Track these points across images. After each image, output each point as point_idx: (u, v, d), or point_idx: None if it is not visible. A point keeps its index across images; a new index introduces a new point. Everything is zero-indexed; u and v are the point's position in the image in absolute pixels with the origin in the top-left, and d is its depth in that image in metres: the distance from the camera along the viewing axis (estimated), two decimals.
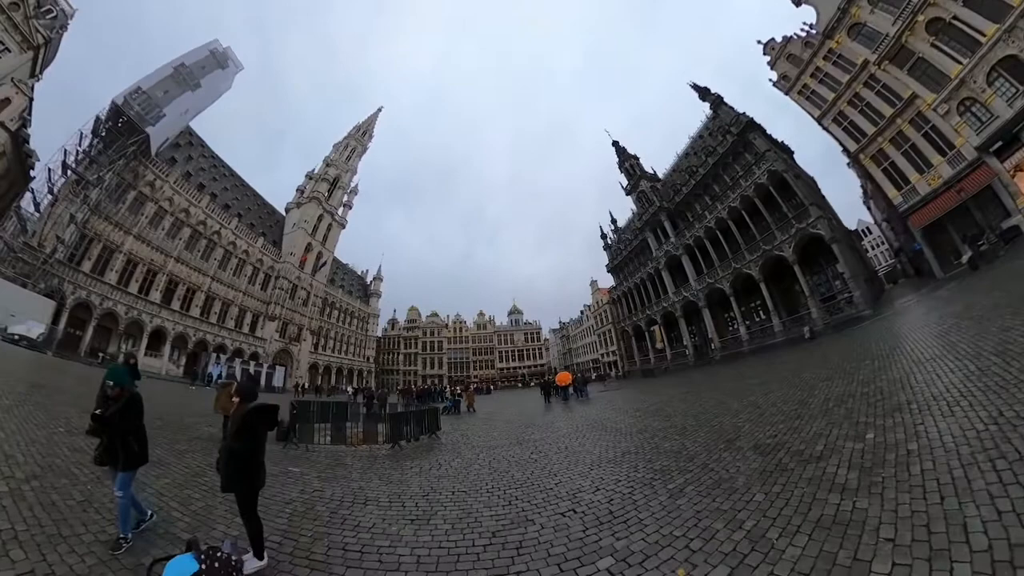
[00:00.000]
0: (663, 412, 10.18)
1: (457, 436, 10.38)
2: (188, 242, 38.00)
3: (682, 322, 38.29)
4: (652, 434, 7.55)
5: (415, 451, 8.34)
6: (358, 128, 65.91)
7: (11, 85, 24.48)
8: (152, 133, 32.19)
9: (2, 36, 24.04)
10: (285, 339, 49.10)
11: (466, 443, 9.12)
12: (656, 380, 29.55)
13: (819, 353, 14.57)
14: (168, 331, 35.46)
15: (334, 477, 5.99)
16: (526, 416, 14.42)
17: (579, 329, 72.06)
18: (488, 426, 12.34)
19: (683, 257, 37.15)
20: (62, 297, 27.46)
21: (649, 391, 18.91)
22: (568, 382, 21.42)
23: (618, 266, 51.58)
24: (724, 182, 32.98)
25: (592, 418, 11.45)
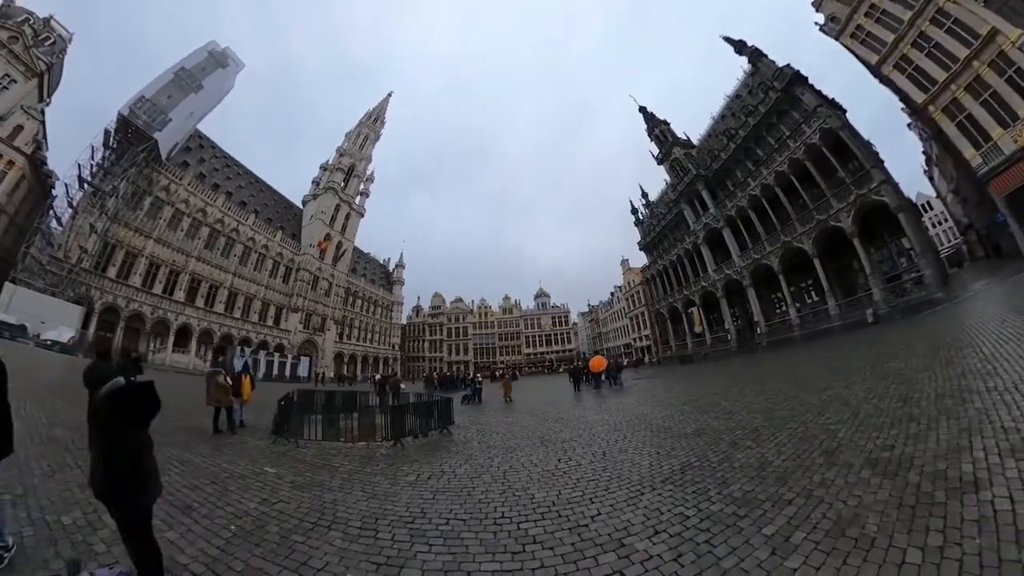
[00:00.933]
0: (719, 407, 8.70)
1: (472, 432, 9.29)
2: (207, 241, 39.79)
3: (724, 303, 35.98)
4: (714, 438, 6.11)
5: (419, 451, 7.30)
6: (369, 115, 65.55)
7: (22, 112, 27.10)
8: (160, 138, 33.48)
9: (6, 69, 26.39)
10: (309, 330, 50.65)
11: (480, 441, 7.95)
12: (696, 367, 27.85)
13: (891, 339, 13.08)
14: (193, 328, 37.47)
15: (311, 483, 5.16)
16: (554, 407, 13.24)
17: (609, 312, 70.20)
18: (509, 419, 11.17)
19: (724, 230, 34.51)
20: (90, 303, 29.76)
21: (692, 379, 17.40)
22: (602, 368, 19.92)
23: (651, 243, 49.15)
24: (768, 145, 29.75)
25: (631, 412, 10.10)
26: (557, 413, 11.41)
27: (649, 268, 50.25)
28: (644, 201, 49.96)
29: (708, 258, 37.46)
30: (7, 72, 26.50)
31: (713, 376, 17.18)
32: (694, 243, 38.69)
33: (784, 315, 30.15)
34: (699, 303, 39.53)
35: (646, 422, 8.27)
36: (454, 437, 8.61)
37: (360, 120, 64.28)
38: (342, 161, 58.24)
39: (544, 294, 79.32)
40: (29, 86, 27.82)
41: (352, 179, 59.96)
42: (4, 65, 26.38)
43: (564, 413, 11.36)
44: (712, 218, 35.72)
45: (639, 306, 57.05)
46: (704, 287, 37.89)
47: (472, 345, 75.15)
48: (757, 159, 30.79)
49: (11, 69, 26.63)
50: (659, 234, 46.94)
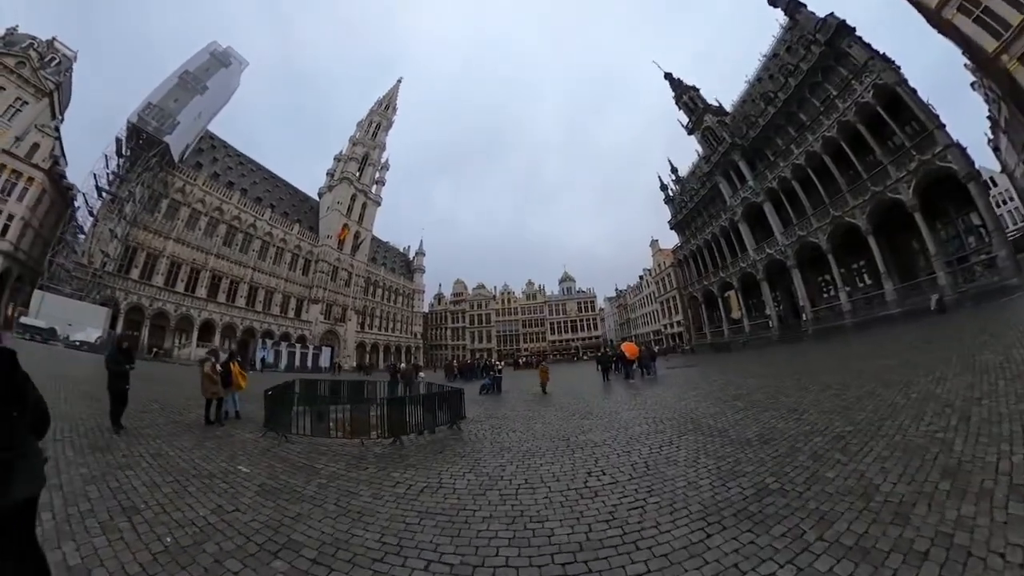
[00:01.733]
0: (780, 404, 7.51)
1: (486, 428, 8.35)
2: (225, 238, 41.37)
3: (765, 286, 33.75)
4: (789, 447, 4.91)
5: (419, 451, 6.50)
6: (380, 103, 65.22)
7: (36, 131, 29.24)
8: (171, 141, 34.61)
9: (17, 93, 28.50)
10: (330, 320, 51.80)
11: (494, 441, 7.00)
12: (734, 356, 26.27)
13: (967, 329, 11.86)
14: (216, 323, 39.31)
15: (281, 489, 4.56)
16: (581, 399, 12.17)
17: (638, 296, 68.02)
18: (530, 413, 10.21)
19: (765, 204, 32.05)
20: (116, 304, 31.62)
21: (735, 370, 16.06)
22: (635, 356, 18.62)
23: (683, 221, 46.73)
24: (813, 107, 26.90)
25: (673, 408, 8.94)
26: (585, 407, 10.36)
27: (681, 249, 47.95)
28: (674, 177, 47.28)
29: (747, 236, 35.14)
30: (18, 96, 29.11)
31: (758, 367, 15.86)
32: (731, 220, 36.35)
33: (833, 300, 27.80)
34: (737, 286, 37.36)
35: (693, 422, 7.10)
36: (464, 435, 7.80)
37: (371, 108, 64.17)
38: (355, 151, 58.53)
39: (569, 278, 77.95)
40: (40, 106, 30.25)
41: (367, 168, 60.23)
42: (15, 90, 28.93)
43: (593, 407, 10.30)
44: (751, 191, 33.24)
45: (670, 290, 54.78)
46: (743, 268, 35.68)
47: (495, 332, 75.61)
48: (800, 124, 27.96)
49: (22, 92, 29.24)
50: (692, 211, 44.44)
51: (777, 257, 31.39)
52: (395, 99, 67.24)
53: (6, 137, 28.23)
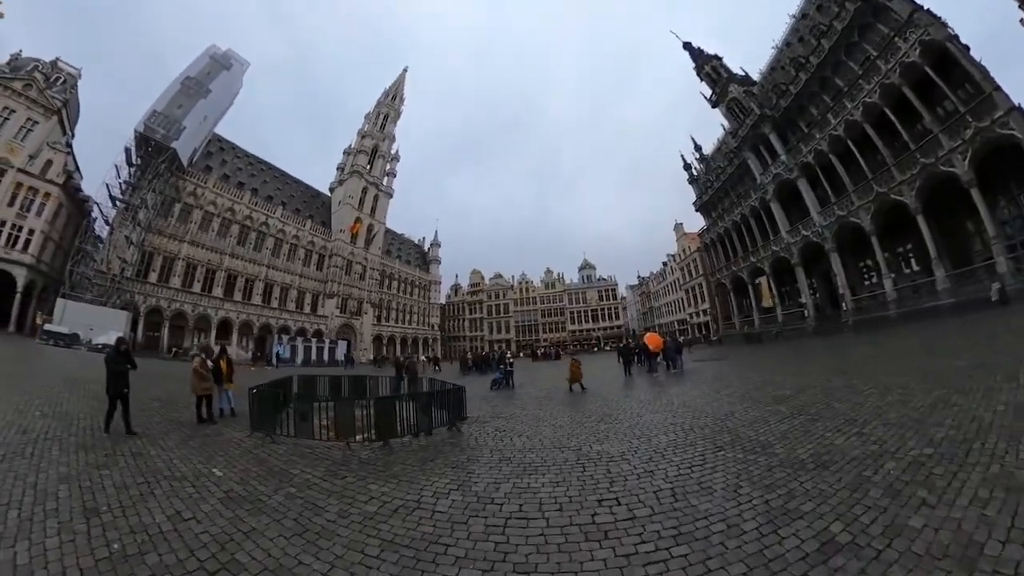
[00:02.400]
0: (833, 411, 6.48)
1: (488, 432, 7.56)
2: (239, 237, 42.50)
3: (800, 272, 31.71)
4: (853, 474, 3.99)
5: (408, 457, 6.00)
6: (387, 93, 64.71)
7: (49, 148, 30.90)
8: (178, 147, 35.49)
9: (27, 113, 30.11)
10: (346, 314, 52.51)
11: (494, 449, 6.26)
12: (767, 349, 24.89)
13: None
14: (233, 321, 40.47)
15: (245, 498, 4.33)
16: (598, 397, 11.26)
17: (662, 284, 65.82)
18: (541, 412, 9.41)
19: (799, 181, 29.86)
20: (135, 307, 33.05)
21: (770, 365, 14.89)
22: (658, 348, 17.31)
23: (709, 202, 44.53)
24: (850, 71, 24.54)
25: (703, 411, 7.92)
26: (602, 407, 9.49)
27: (707, 232, 45.80)
28: (697, 155, 44.80)
29: (780, 217, 33.00)
30: (29, 116, 30.46)
31: (797, 362, 14.62)
32: (762, 199, 34.18)
33: (876, 288, 25.67)
34: (769, 272, 35.34)
35: (730, 432, 6.10)
36: (463, 439, 7.14)
37: (378, 100, 63.78)
38: (364, 143, 58.47)
39: (589, 266, 76.30)
40: (50, 124, 31.72)
41: (376, 160, 60.23)
42: (24, 111, 30.24)
43: (612, 407, 9.40)
44: (783, 167, 31.00)
45: (696, 276, 52.55)
46: (775, 252, 33.62)
47: (514, 323, 75.41)
48: (837, 91, 25.59)
49: (32, 113, 30.62)
50: (718, 191, 42.18)
51: (814, 240, 29.28)
52: (402, 89, 66.68)
53: (21, 156, 29.87)
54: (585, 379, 12.86)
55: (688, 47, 39.21)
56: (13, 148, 29.59)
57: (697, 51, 38.72)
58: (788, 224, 32.50)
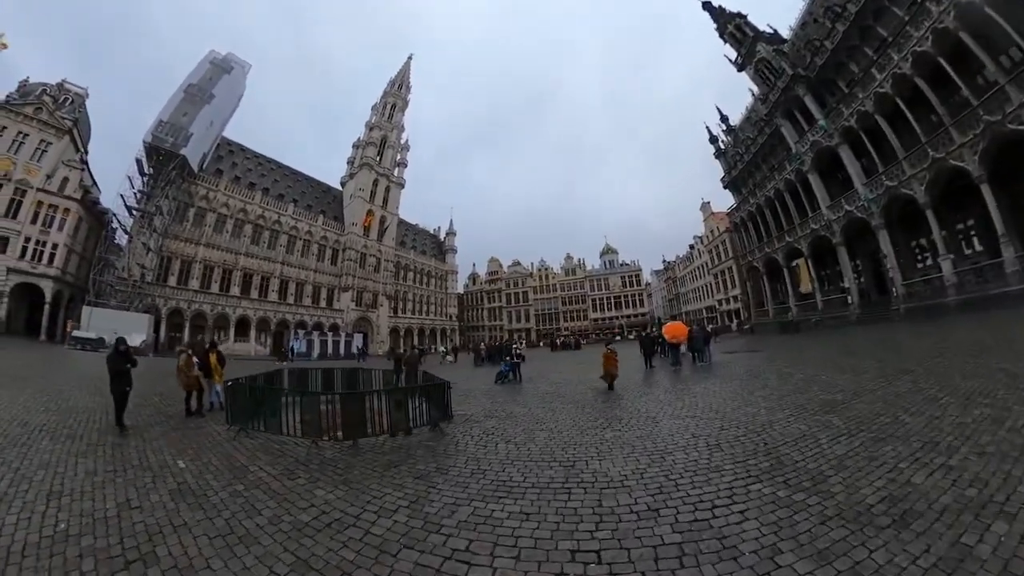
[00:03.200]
0: (908, 430, 4.88)
1: (474, 435, 6.75)
2: (253, 237, 43.62)
3: (842, 252, 28.53)
4: (949, 538, 2.63)
5: (372, 461, 5.49)
6: (393, 83, 63.82)
7: (64, 167, 33.07)
8: (188, 153, 36.34)
9: (40, 136, 32.21)
10: (362, 307, 53.00)
11: (470, 458, 5.47)
12: (805, 339, 22.48)
13: None
14: (251, 318, 41.72)
15: (194, 492, 4.38)
16: (612, 394, 10.14)
17: (688, 268, 62.20)
18: (542, 412, 8.41)
19: (841, 148, 26.57)
20: (157, 310, 34.93)
21: (811, 360, 12.94)
22: (681, 337, 15.39)
23: (739, 178, 41.04)
24: (894, 18, 21.24)
25: (733, 418, 6.50)
26: (613, 408, 8.36)
27: (737, 210, 42.38)
28: (724, 127, 41.00)
29: (819, 190, 29.79)
30: (42, 138, 32.41)
31: (844, 357, 12.66)
32: (798, 171, 30.91)
33: (931, 271, 22.38)
34: (807, 253, 32.14)
35: (768, 452, 4.70)
36: (442, 442, 6.44)
37: (384, 90, 63.04)
38: (372, 135, 58.13)
39: (611, 251, 73.33)
40: (63, 143, 33.58)
41: (386, 151, 59.84)
42: (37, 133, 32.16)
43: (624, 407, 8.24)
44: (822, 133, 27.67)
45: (725, 259, 48.99)
46: (814, 231, 30.46)
47: (533, 312, 74.21)
48: (880, 41, 22.23)
49: (44, 135, 32.56)
50: (748, 165, 38.65)
51: (858, 215, 26.07)
52: (408, 77, 65.52)
53: (38, 176, 31.78)
54: (600, 371, 11.42)
55: (707, 6, 35.66)
56: (31, 169, 31.61)
57: (718, 9, 35.15)
58: (828, 198, 29.27)
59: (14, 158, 30.78)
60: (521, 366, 15.39)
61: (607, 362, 10.75)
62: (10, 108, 31.02)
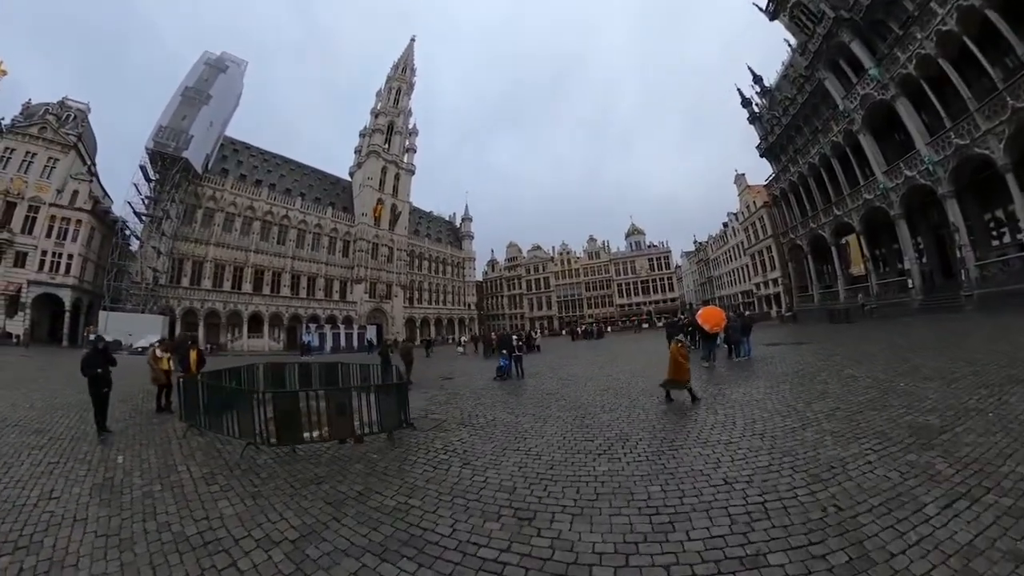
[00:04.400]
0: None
1: (432, 449, 5.67)
2: (261, 233, 44.18)
3: (902, 227, 24.40)
4: None
5: (299, 473, 4.88)
6: (396, 67, 61.84)
7: (73, 180, 34.80)
8: (190, 156, 36.79)
9: (47, 153, 34.01)
10: (375, 298, 52.98)
11: (407, 487, 4.29)
12: (858, 329, 19.02)
13: None
14: (263, 314, 42.51)
15: (113, 487, 4.53)
16: (625, 398, 8.20)
17: (722, 249, 56.90)
18: (530, 423, 6.83)
19: (898, 101, 22.29)
20: (172, 311, 36.26)
21: (880, 357, 9.96)
22: (718, 327, 12.28)
23: (777, 144, 36.35)
24: None
25: (785, 450, 4.51)
26: (621, 424, 6.25)
27: (776, 181, 37.71)
28: (758, 88, 36.04)
29: (873, 154, 25.54)
30: (49, 155, 34.14)
31: (913, 354, 9.77)
32: (847, 131, 26.67)
33: (1009, 249, 18.22)
34: (859, 228, 27.97)
35: (845, 531, 2.76)
36: (389, 458, 5.32)
37: (388, 75, 61.26)
38: (379, 122, 56.83)
39: (637, 231, 68.72)
40: (70, 158, 35.24)
41: (394, 137, 58.59)
42: (44, 151, 33.89)
43: (634, 422, 6.26)
44: (874, 84, 23.34)
45: (763, 238, 44.03)
46: (867, 202, 26.31)
47: (555, 298, 71.80)
48: None
49: (51, 152, 34.28)
50: (788, 128, 33.92)
51: (921, 182, 21.91)
52: (412, 59, 63.25)
53: (49, 192, 33.55)
54: (614, 368, 9.65)
55: None
56: (42, 186, 33.38)
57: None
58: (885, 163, 24.89)
59: (25, 177, 32.60)
60: (525, 359, 14.06)
61: (677, 367, 7.26)
62: (16, 131, 32.68)
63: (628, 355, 18.17)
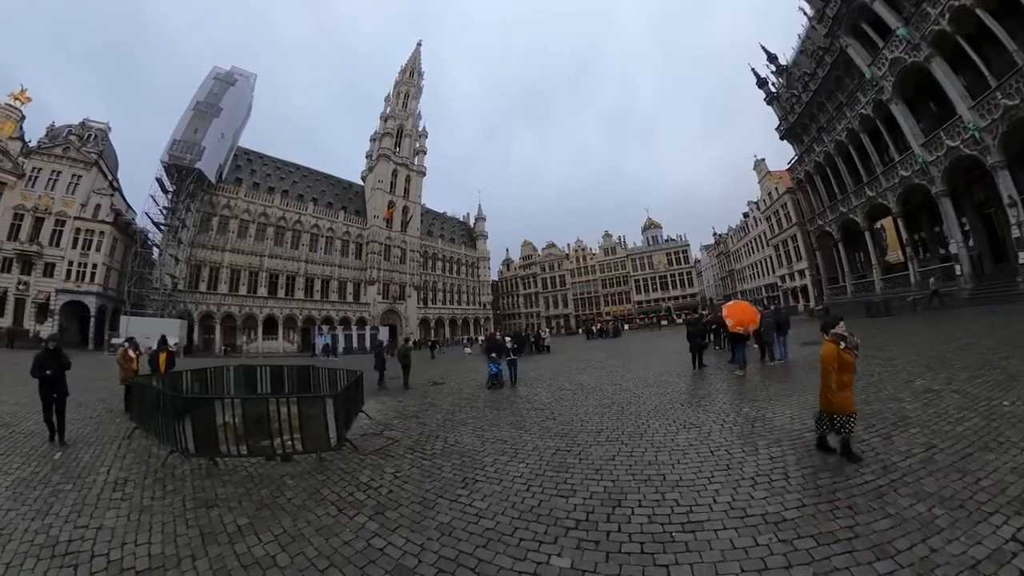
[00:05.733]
0: None
1: (357, 482, 4.58)
2: (275, 238, 45.10)
3: (946, 206, 21.50)
4: None
5: (199, 492, 4.43)
6: (404, 71, 61.89)
7: (95, 195, 37.19)
8: (203, 166, 37.96)
9: (71, 171, 36.33)
10: (389, 300, 52.94)
11: (300, 531, 3.51)
12: (905, 325, 16.47)
13: None
14: (278, 316, 43.21)
15: (29, 484, 4.71)
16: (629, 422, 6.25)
17: (743, 241, 53.19)
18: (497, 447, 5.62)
19: (933, 62, 19.58)
20: (190, 314, 37.37)
21: (952, 360, 7.86)
22: (752, 325, 10.05)
23: (798, 124, 33.37)
24: None
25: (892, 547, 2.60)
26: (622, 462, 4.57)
27: (799, 164, 34.58)
28: (773, 67, 33.15)
29: (907, 124, 22.74)
30: (73, 173, 36.61)
31: (998, 355, 7.61)
32: (876, 102, 23.92)
33: None
34: (896, 209, 24.91)
35: None
36: (297, 489, 4.45)
37: (396, 80, 61.35)
38: (388, 125, 57.11)
39: (654, 225, 65.57)
40: (92, 175, 37.59)
41: (403, 140, 58.62)
42: (68, 169, 36.38)
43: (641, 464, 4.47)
44: (904, 45, 20.63)
45: (787, 227, 40.54)
46: (904, 179, 23.46)
47: (571, 296, 69.84)
48: None
49: (75, 169, 36.71)
50: (809, 105, 30.97)
51: (967, 152, 19.08)
52: (418, 64, 63.13)
53: (74, 207, 35.86)
54: (631, 369, 8.13)
55: None
56: (67, 202, 35.60)
57: None
58: (922, 135, 21.87)
59: (51, 194, 34.82)
60: (528, 362, 13.06)
61: (841, 392, 3.96)
62: (42, 152, 35.04)
63: (643, 357, 16.32)
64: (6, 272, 32.72)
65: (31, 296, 33.02)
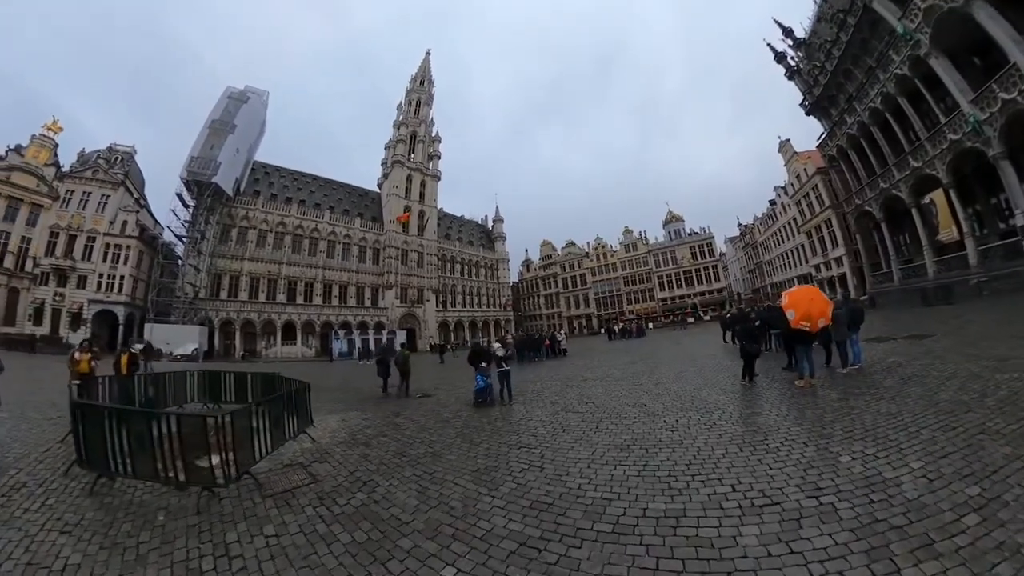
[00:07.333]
0: None
1: (222, 541, 3.45)
2: (293, 246, 46.34)
3: (1007, 170, 18.46)
4: None
5: (90, 514, 4.02)
6: (414, 79, 62.74)
7: (122, 212, 40.06)
8: (220, 180, 39.83)
9: (101, 191, 39.37)
10: (407, 303, 52.75)
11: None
12: (979, 314, 13.86)
13: None
14: (296, 322, 43.96)
15: None
16: (657, 488, 3.78)
17: (770, 230, 49.21)
18: (443, 513, 3.74)
19: (974, 6, 16.78)
20: (211, 321, 38.95)
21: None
22: (820, 322, 7.41)
23: (824, 96, 30.45)
24: None
25: None
26: (604, 535, 3.03)
27: (831, 139, 31.41)
28: (790, 42, 30.45)
29: (951, 80, 19.97)
30: (102, 193, 39.59)
31: None
32: (913, 58, 21.24)
33: None
34: (947, 180, 21.86)
35: None
36: (168, 529, 3.68)
37: (407, 88, 62.27)
38: (401, 132, 57.86)
39: (675, 219, 62.25)
40: (120, 194, 40.40)
41: (417, 146, 59.23)
42: (98, 190, 39.42)
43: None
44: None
45: (820, 210, 36.88)
46: (953, 144, 20.63)
47: (593, 295, 67.52)
48: None
49: (103, 190, 39.73)
50: (834, 75, 28.10)
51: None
52: (428, 72, 63.79)
53: (103, 224, 38.83)
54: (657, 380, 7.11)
55: None
56: (97, 220, 38.43)
57: None
58: (971, 91, 18.89)
59: (83, 213, 37.64)
60: (538, 370, 11.85)
61: None
62: (74, 175, 38.28)
63: (672, 362, 13.90)
64: (44, 285, 35.10)
65: (66, 306, 35.19)
